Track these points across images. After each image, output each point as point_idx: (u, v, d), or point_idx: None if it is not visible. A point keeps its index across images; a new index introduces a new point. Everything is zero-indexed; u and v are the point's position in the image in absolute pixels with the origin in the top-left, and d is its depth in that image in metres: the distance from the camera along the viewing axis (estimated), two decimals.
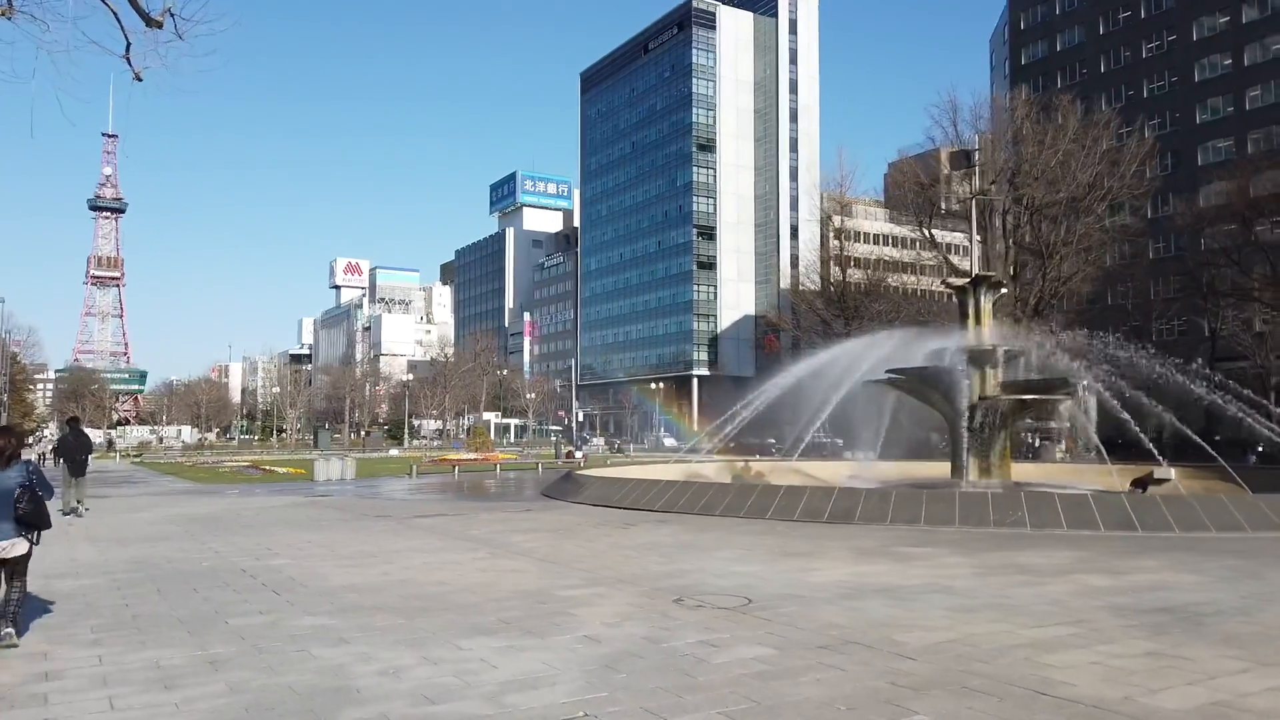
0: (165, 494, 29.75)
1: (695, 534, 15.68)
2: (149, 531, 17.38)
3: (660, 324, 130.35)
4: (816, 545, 14.09)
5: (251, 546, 14.81)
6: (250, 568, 12.52)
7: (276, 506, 22.93)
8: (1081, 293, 59.42)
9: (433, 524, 18.19)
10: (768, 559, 12.76)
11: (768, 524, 16.88)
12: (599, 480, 23.43)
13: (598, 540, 15.09)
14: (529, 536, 15.69)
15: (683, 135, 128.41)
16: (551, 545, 14.52)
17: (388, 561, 12.98)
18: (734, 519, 17.71)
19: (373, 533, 16.70)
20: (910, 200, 64.16)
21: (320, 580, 11.41)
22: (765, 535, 15.40)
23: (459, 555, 13.53)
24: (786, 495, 17.92)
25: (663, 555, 13.21)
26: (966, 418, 25.70)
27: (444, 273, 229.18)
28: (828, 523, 16.70)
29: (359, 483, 34.65)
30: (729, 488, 19.50)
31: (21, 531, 8.12)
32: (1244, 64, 77.67)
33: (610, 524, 17.42)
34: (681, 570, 11.81)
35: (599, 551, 13.74)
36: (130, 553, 14.28)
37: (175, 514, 21.31)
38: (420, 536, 15.98)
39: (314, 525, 18.18)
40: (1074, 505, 15.94)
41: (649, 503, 19.83)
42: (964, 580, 10.96)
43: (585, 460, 48.53)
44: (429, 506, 22.73)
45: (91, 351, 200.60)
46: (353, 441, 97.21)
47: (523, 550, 13.97)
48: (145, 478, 41.74)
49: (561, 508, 21.35)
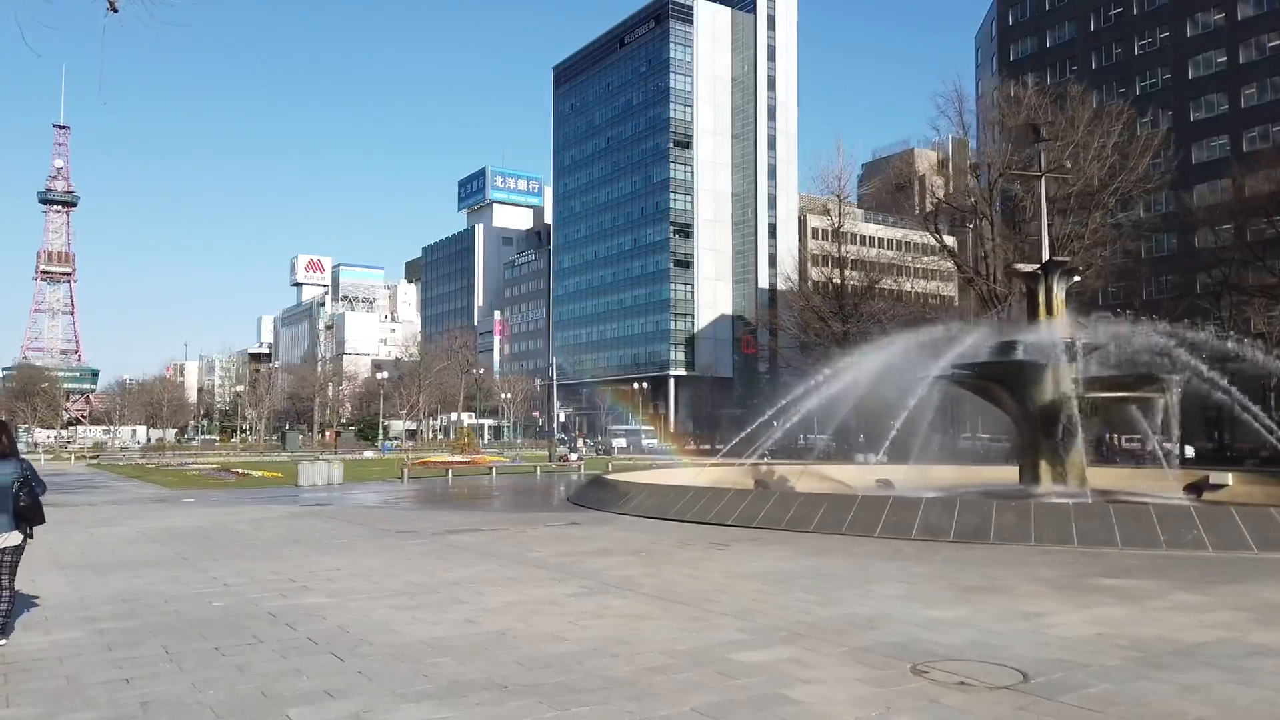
0: (133, 502, 26.35)
1: (816, 557, 12.83)
2: (129, 554, 14.18)
3: (636, 323, 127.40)
4: (986, 576, 11.29)
5: (267, 575, 11.74)
6: (280, 610, 9.47)
7: (273, 519, 19.73)
8: (1095, 289, 57.39)
9: (475, 542, 15.18)
10: (955, 597, 9.93)
11: (888, 544, 14.08)
12: (645, 488, 20.48)
13: (702, 566, 12.20)
14: (610, 561, 12.75)
15: (659, 131, 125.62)
16: (650, 574, 11.59)
17: (457, 599, 9.99)
18: (837, 536, 14.91)
19: (410, 555, 13.66)
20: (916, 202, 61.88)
21: (386, 632, 8.40)
22: (903, 560, 12.60)
23: (546, 590, 10.56)
24: (896, 510, 15.13)
25: (811, 591, 10.33)
26: (1041, 417, 23.22)
27: (409, 270, 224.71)
28: (956, 542, 13.96)
29: (348, 487, 31.43)
30: (819, 499, 16.63)
31: (16, 524, 8.25)
32: (1239, 61, 76.48)
33: (695, 543, 14.53)
34: (864, 617, 8.95)
35: (720, 584, 10.85)
36: (113, 586, 11.14)
37: (154, 528, 18.06)
38: (474, 560, 12.98)
39: (331, 544, 15.08)
40: (1257, 522, 13.30)
41: (719, 515, 16.96)
42: (1261, 632, 8.22)
43: (582, 463, 45.49)
44: (452, 518, 19.66)
45: (41, 349, 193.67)
46: (321, 442, 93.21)
47: (621, 582, 11.03)
48: (105, 482, 38.08)
49: (611, 520, 18.41)
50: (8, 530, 8.20)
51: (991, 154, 55.97)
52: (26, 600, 10.09)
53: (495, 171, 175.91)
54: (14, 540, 8.27)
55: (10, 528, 8.21)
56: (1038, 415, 23.33)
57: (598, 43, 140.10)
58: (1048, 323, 24.17)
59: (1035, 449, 23.62)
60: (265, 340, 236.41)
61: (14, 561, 8.35)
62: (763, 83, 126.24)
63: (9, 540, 8.23)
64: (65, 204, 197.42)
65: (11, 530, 8.23)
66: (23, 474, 8.30)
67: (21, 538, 8.34)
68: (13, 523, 8.22)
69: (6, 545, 8.23)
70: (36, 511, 8.37)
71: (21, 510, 8.23)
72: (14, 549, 8.30)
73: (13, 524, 8.22)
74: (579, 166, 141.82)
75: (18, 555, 8.37)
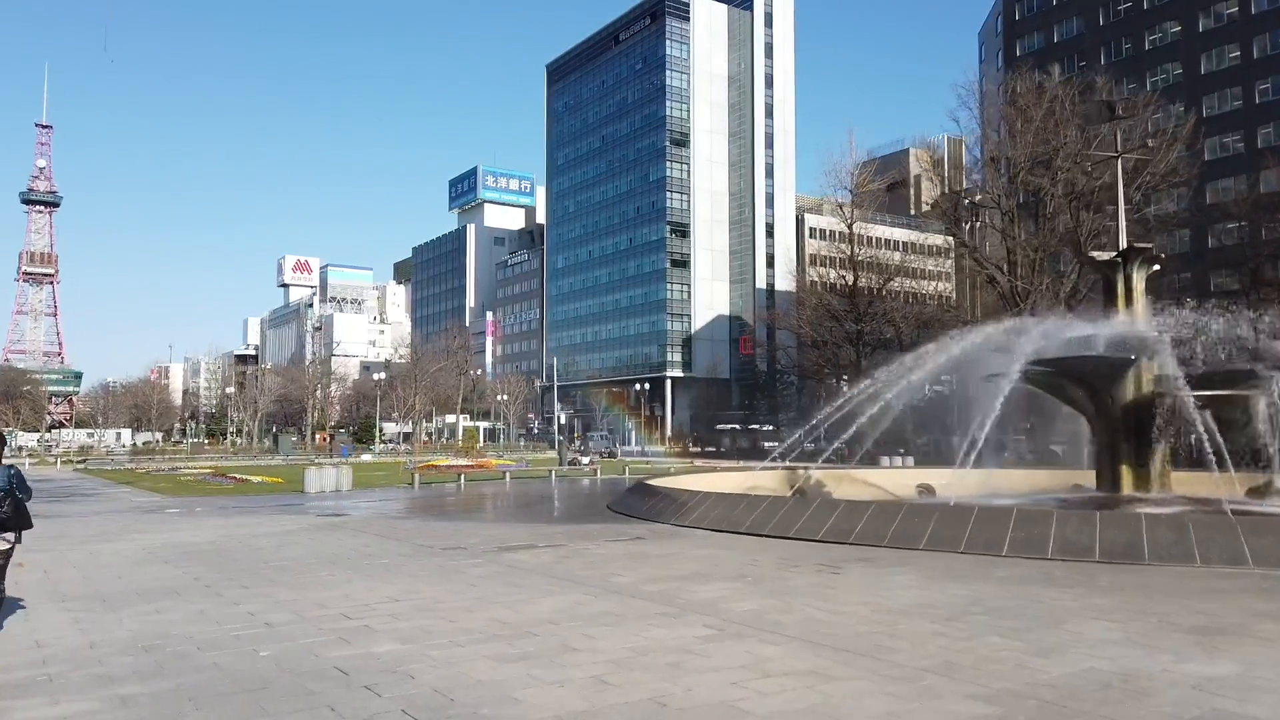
0: (131, 511, 24.14)
1: (961, 585, 10.84)
2: (140, 579, 12.08)
3: (632, 324, 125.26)
4: (1192, 610, 9.32)
5: (314, 610, 9.67)
6: (349, 663, 7.41)
7: (293, 532, 17.60)
8: None
9: (539, 562, 13.14)
10: (1190, 642, 7.94)
11: (1027, 566, 12.11)
12: (707, 498, 18.43)
13: (832, 596, 10.19)
14: (716, 590, 10.72)
15: (655, 129, 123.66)
16: (778, 608, 9.57)
17: (565, 645, 7.96)
18: (955, 555, 12.95)
19: (472, 580, 11.61)
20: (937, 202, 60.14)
21: (505, 702, 6.35)
22: (1067, 588, 10.63)
23: (667, 631, 8.52)
24: (1022, 524, 13.16)
25: (1001, 633, 8.34)
26: (1124, 417, 21.37)
27: (398, 271, 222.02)
28: (1104, 563, 12.05)
29: (359, 494, 29.30)
30: (924, 512, 14.61)
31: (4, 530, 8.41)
32: (1253, 56, 75.16)
33: (798, 564, 12.52)
34: (1111, 674, 6.95)
35: (876, 621, 8.85)
36: (129, 626, 9.05)
37: (161, 544, 15.93)
38: (552, 588, 10.93)
39: (373, 565, 13.00)
40: None
41: (804, 530, 14.98)
42: None
43: (597, 468, 43.48)
44: (496, 531, 17.58)
45: (23, 351, 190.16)
46: (314, 445, 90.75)
47: (750, 619, 9.01)
48: (97, 488, 35.79)
49: (676, 534, 16.38)
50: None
51: (996, 146, 54.45)
52: (23, 647, 8.03)
53: (487, 171, 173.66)
54: (1, 546, 8.45)
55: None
56: (1120, 415, 21.50)
57: (592, 40, 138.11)
58: (1127, 314, 22.35)
59: (1115, 452, 21.80)
60: (252, 342, 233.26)
61: (2, 565, 8.55)
62: (760, 80, 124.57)
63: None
64: (48, 204, 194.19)
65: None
66: (10, 480, 8.35)
67: (11, 542, 8.52)
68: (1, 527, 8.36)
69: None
70: (24, 518, 8.51)
71: (6, 521, 8.33)
72: (3, 553, 8.49)
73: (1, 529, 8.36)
74: (573, 165, 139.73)
75: (6, 559, 8.58)
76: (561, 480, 37.37)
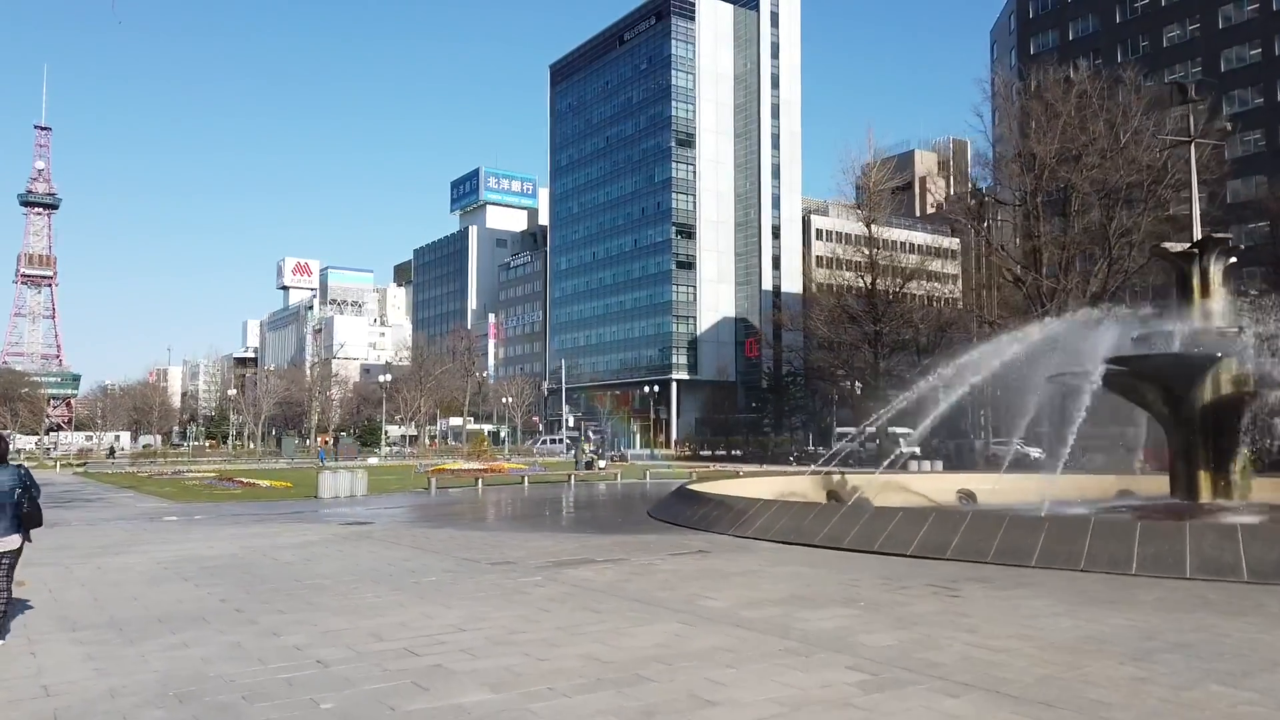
0: (138, 518, 22.65)
1: (1111, 612, 9.37)
2: (158, 601, 10.58)
3: (637, 326, 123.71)
4: None
5: (369, 642, 8.19)
6: (433, 718, 5.95)
7: (317, 543, 16.10)
8: (1155, 285, 54.31)
9: (605, 580, 11.65)
10: None
11: (1169, 586, 10.64)
12: (768, 506, 16.94)
13: (974, 627, 8.71)
14: (834, 617, 9.25)
15: (660, 129, 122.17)
16: (919, 641, 8.11)
17: (694, 696, 6.47)
18: (1075, 573, 11.50)
19: (539, 603, 10.12)
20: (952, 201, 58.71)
21: None
22: (1235, 616, 9.19)
23: (809, 675, 7.03)
24: (1149, 539, 11.70)
25: (1230, 682, 6.86)
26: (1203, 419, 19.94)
27: (398, 273, 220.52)
28: (1254, 583, 10.64)
29: (374, 500, 27.81)
30: (1034, 525, 13.06)
31: (16, 528, 8.34)
32: (1274, 54, 73.87)
33: (905, 584, 11.04)
34: None
35: (1049, 662, 7.38)
36: (154, 665, 7.55)
37: (176, 557, 14.44)
38: (639, 615, 9.44)
39: (420, 584, 11.51)
40: None
41: (891, 543, 13.52)
42: None
43: (618, 472, 42.01)
44: (540, 542, 16.06)
45: (21, 354, 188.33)
46: (316, 448, 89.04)
47: (899, 659, 7.54)
48: (99, 493, 34.28)
49: (742, 547, 14.90)
50: (10, 534, 8.30)
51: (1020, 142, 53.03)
52: (28, 696, 6.54)
53: (489, 172, 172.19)
54: (13, 544, 8.38)
55: (9, 532, 8.27)
56: (1199, 417, 20.06)
57: (596, 40, 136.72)
58: (1204, 308, 20.92)
59: (1191, 456, 20.35)
60: (251, 344, 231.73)
61: (11, 564, 8.44)
62: (766, 80, 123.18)
63: (8, 544, 8.33)
64: (46, 206, 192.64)
65: (13, 534, 8.32)
66: (21, 480, 8.35)
67: (20, 542, 8.44)
68: (12, 527, 8.27)
69: (6, 550, 8.33)
70: (36, 516, 8.53)
71: (23, 515, 8.33)
72: (13, 553, 8.42)
73: (11, 528, 8.28)
74: (577, 166, 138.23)
75: (15, 558, 8.50)
76: (581, 485, 35.89)
